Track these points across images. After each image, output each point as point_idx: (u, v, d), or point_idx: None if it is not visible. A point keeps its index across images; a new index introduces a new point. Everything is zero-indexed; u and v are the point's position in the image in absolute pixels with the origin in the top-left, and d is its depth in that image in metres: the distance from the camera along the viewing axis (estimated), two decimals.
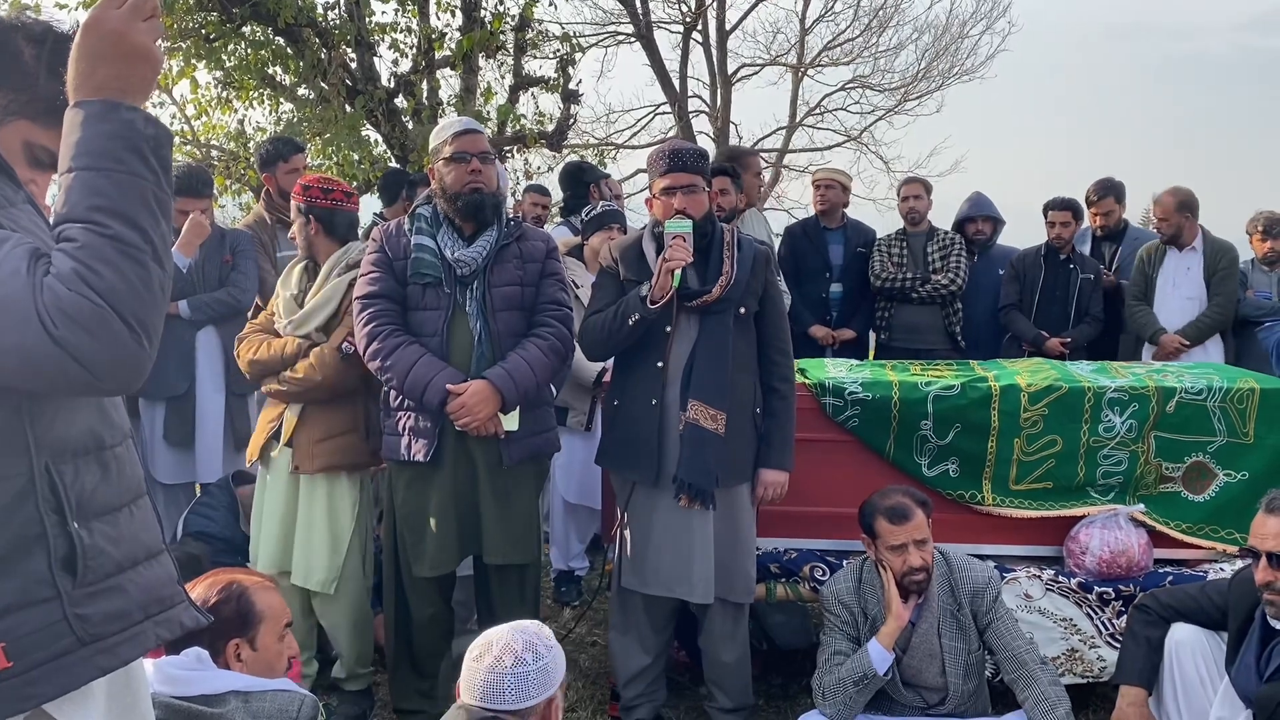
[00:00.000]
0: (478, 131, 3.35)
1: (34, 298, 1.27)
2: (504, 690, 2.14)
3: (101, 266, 1.31)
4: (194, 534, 4.03)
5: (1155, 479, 3.56)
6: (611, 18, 18.07)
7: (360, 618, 3.61)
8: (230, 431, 4.69)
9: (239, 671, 2.24)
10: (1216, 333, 5.40)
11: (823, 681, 3.08)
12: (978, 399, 3.54)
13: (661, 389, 3.24)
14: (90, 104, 1.38)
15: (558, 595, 4.74)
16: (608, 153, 17.64)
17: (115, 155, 1.36)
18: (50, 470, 1.40)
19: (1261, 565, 2.64)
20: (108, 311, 1.30)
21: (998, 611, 3.10)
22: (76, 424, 1.46)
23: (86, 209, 1.33)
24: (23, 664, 1.36)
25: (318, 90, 8.65)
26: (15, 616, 1.37)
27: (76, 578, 1.41)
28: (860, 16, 19.04)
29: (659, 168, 3.29)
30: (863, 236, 6.03)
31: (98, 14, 1.39)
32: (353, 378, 3.44)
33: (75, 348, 1.28)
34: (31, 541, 1.39)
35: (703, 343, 3.22)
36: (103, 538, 1.46)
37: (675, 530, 3.24)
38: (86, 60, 1.39)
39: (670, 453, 3.23)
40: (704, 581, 3.21)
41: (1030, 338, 5.59)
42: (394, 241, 3.34)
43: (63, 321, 1.27)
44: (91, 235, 1.32)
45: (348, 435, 3.48)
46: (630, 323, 3.18)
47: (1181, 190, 5.52)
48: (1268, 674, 2.66)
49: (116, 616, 1.46)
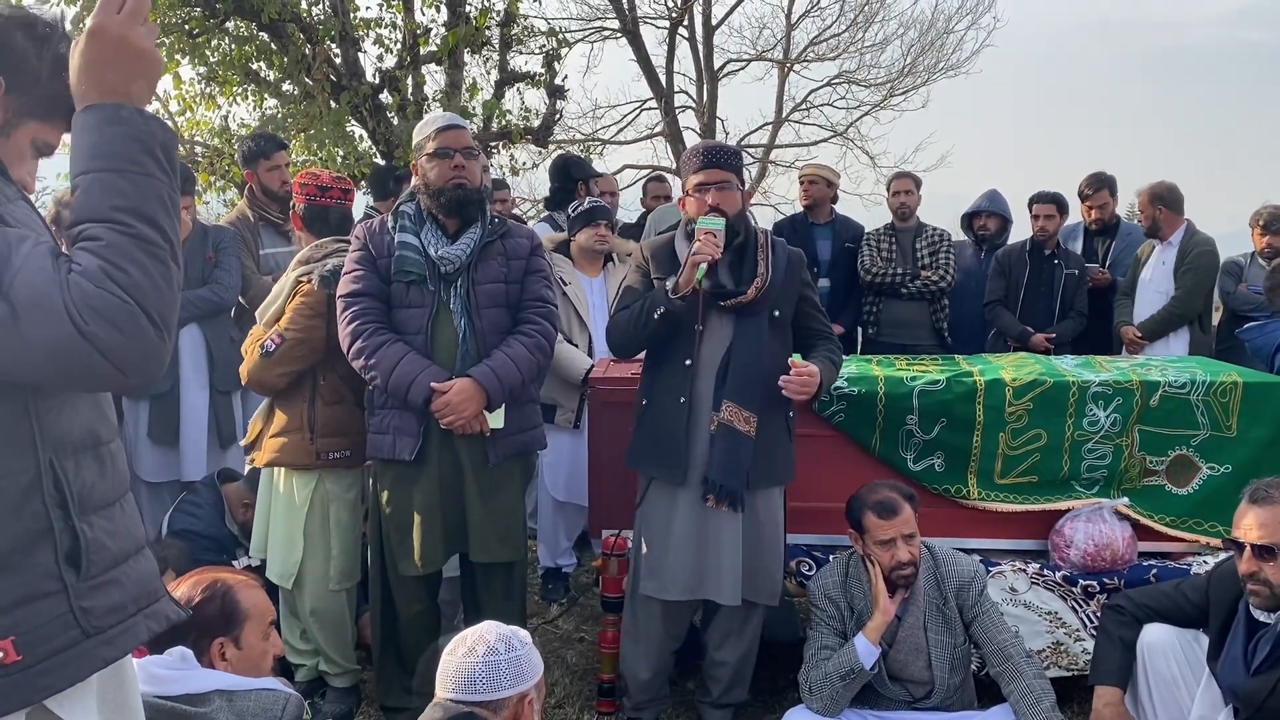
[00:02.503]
0: (461, 127, 3.34)
1: (62, 294, 1.31)
2: (474, 679, 2.13)
3: (127, 264, 1.36)
4: (179, 532, 4.02)
5: (1139, 472, 3.58)
6: (597, 13, 18.02)
7: (328, 611, 3.58)
8: (215, 429, 4.67)
9: (223, 670, 2.23)
10: (1175, 327, 5.42)
11: (809, 676, 3.08)
12: (963, 393, 3.55)
13: (690, 387, 3.19)
14: (103, 108, 1.42)
15: (545, 593, 4.73)
16: (594, 148, 17.63)
17: (132, 157, 1.41)
18: (54, 465, 1.44)
19: (1246, 556, 2.65)
20: (134, 307, 1.35)
21: (983, 605, 3.11)
22: (77, 421, 1.49)
23: (109, 209, 1.39)
24: (32, 656, 1.40)
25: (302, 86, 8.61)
26: (24, 610, 1.41)
27: (80, 571, 1.46)
28: (846, 12, 18.99)
29: (692, 165, 3.25)
30: (851, 232, 6.04)
31: (102, 21, 1.43)
32: (277, 376, 3.45)
33: (104, 343, 1.32)
34: (38, 536, 1.43)
35: (738, 344, 3.18)
36: (102, 532, 1.51)
37: (701, 531, 3.19)
38: (93, 65, 1.43)
39: (697, 452, 3.18)
40: (733, 583, 3.18)
41: (1015, 333, 5.61)
42: (377, 239, 3.32)
43: (92, 317, 1.31)
44: (116, 234, 1.38)
45: (292, 434, 3.50)
46: (655, 316, 3.11)
47: (1158, 184, 5.56)
48: (1255, 666, 2.67)
49: (115, 609, 1.51)
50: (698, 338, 3.18)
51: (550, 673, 3.91)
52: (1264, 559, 2.62)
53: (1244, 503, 2.71)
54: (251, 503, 3.85)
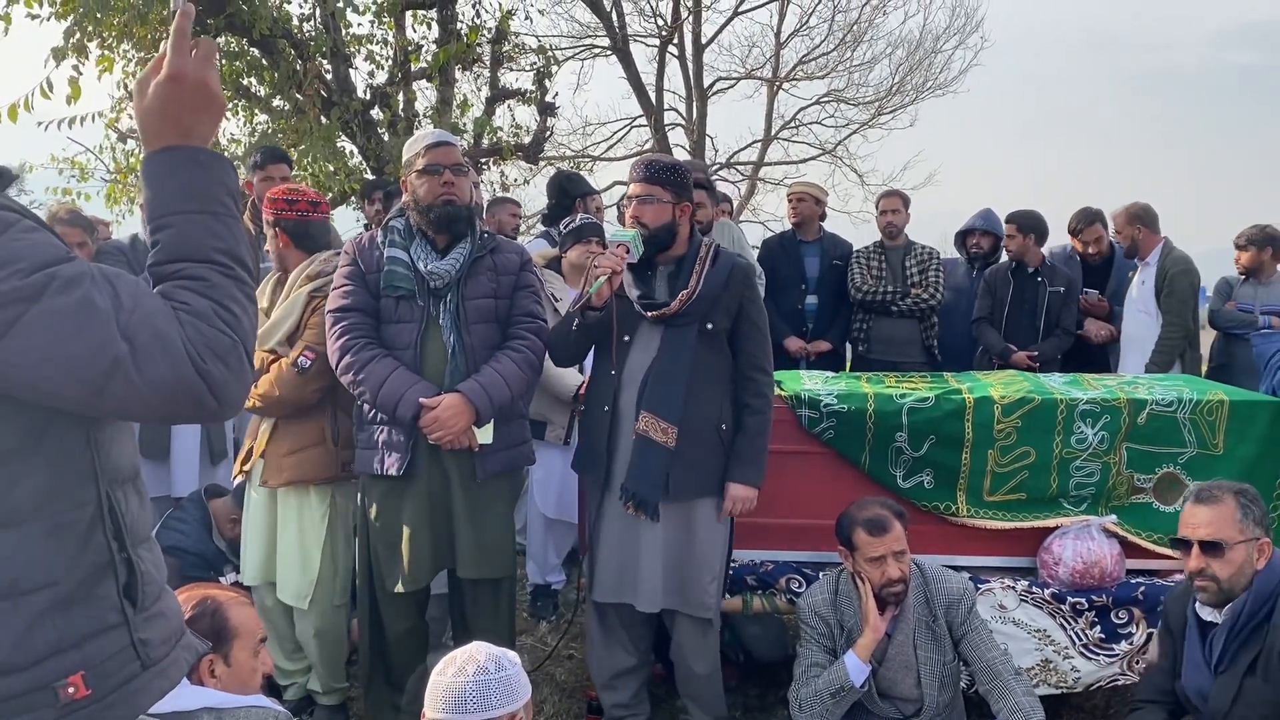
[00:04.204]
0: (451, 144, 3.34)
1: (180, 334, 1.36)
2: (465, 698, 2.13)
3: (231, 304, 1.44)
4: (166, 548, 3.99)
5: (1127, 490, 3.60)
6: (588, 30, 18.10)
7: (330, 630, 3.58)
8: (206, 444, 4.65)
9: (212, 688, 2.21)
10: (1178, 352, 5.46)
11: (799, 694, 3.08)
12: (952, 411, 3.56)
13: (614, 396, 3.27)
14: (185, 150, 1.48)
15: (534, 610, 4.72)
16: (584, 165, 17.66)
17: (220, 200, 1.49)
18: (110, 497, 1.45)
19: (1194, 553, 2.73)
20: (240, 346, 1.43)
21: (972, 623, 3.11)
22: (125, 453, 1.52)
23: (211, 250, 1.46)
24: (100, 690, 1.41)
25: (293, 101, 8.60)
26: (93, 644, 1.42)
27: (136, 604, 1.47)
28: (835, 31, 19.13)
29: (629, 177, 3.36)
30: (839, 249, 6.06)
31: (181, 64, 1.48)
32: (311, 392, 3.42)
33: (216, 380, 1.38)
34: (103, 568, 1.44)
35: (661, 355, 3.24)
36: (149, 563, 1.53)
37: (624, 537, 3.29)
38: (171, 107, 1.48)
39: (622, 460, 3.26)
40: (650, 590, 3.25)
41: (997, 350, 5.63)
42: (367, 254, 3.32)
43: (210, 356, 1.37)
44: (220, 275, 1.45)
45: (313, 449, 3.46)
46: (572, 327, 3.25)
47: (1134, 204, 5.62)
48: (1217, 664, 2.73)
49: (165, 640, 1.53)
50: (622, 348, 3.27)
51: (539, 690, 3.90)
52: (1211, 554, 2.71)
53: (1190, 504, 2.82)
54: (239, 518, 3.83)
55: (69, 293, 1.29)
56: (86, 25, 6.96)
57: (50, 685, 1.37)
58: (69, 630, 1.39)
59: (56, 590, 1.38)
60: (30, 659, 1.36)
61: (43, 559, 1.37)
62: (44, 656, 1.37)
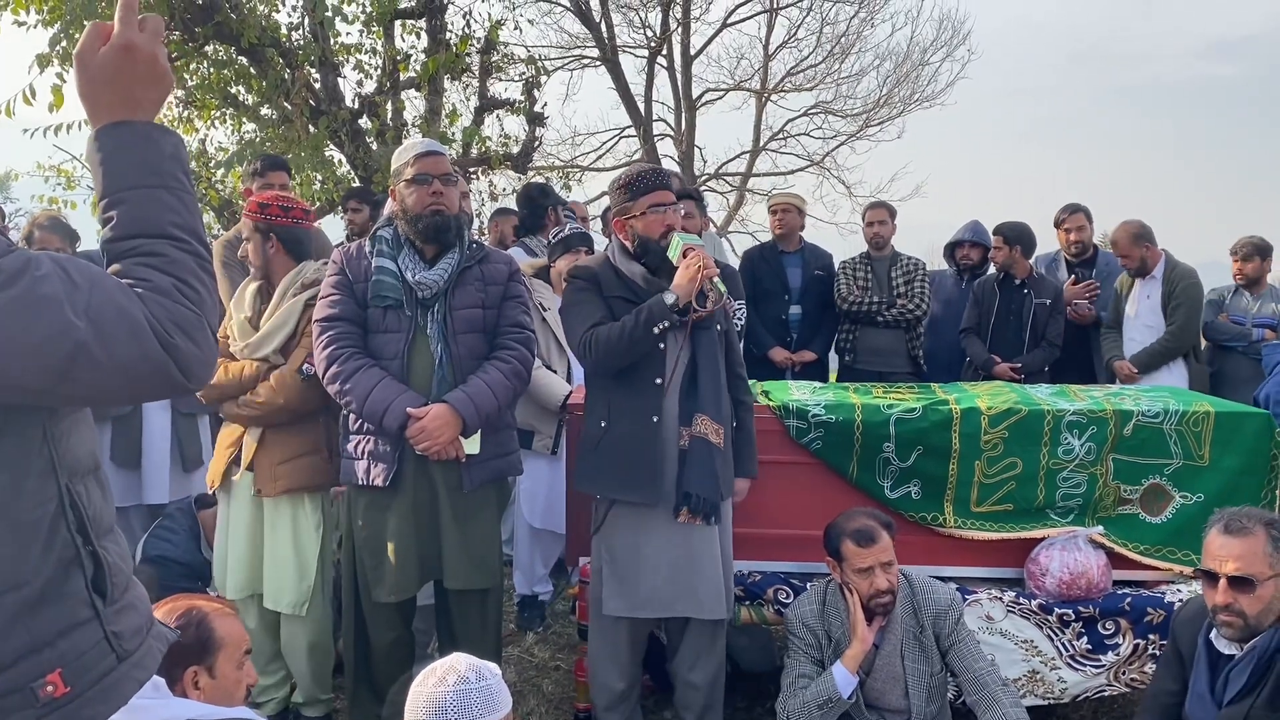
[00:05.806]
0: (440, 153, 3.33)
1: (142, 310, 1.34)
2: (445, 707, 2.11)
3: (192, 279, 1.43)
4: (154, 558, 3.98)
5: (1113, 501, 3.61)
6: (577, 41, 18.16)
7: (321, 640, 3.56)
8: (178, 452, 4.61)
9: (196, 700, 2.19)
10: (1169, 360, 5.48)
11: (787, 705, 3.07)
12: (939, 422, 3.57)
13: (660, 406, 3.18)
14: (136, 125, 1.46)
15: (520, 620, 4.70)
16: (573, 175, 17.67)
17: (174, 174, 1.47)
18: (70, 491, 1.43)
19: (1221, 587, 2.60)
20: (203, 320, 1.42)
21: (960, 633, 3.11)
22: (84, 445, 1.49)
23: (167, 225, 1.45)
24: (79, 686, 1.40)
25: (280, 110, 8.60)
26: (67, 640, 1.40)
27: (106, 596, 1.46)
28: (823, 43, 19.25)
29: (644, 185, 3.24)
30: (820, 260, 6.09)
31: (132, 37, 1.46)
32: (314, 399, 3.41)
33: (182, 355, 1.37)
34: (69, 563, 1.42)
35: (701, 357, 3.20)
36: (115, 555, 1.51)
37: (676, 548, 3.17)
38: (122, 80, 1.45)
39: (667, 471, 3.16)
40: (712, 597, 3.17)
41: (981, 361, 5.64)
42: (355, 264, 3.32)
43: (175, 331, 1.37)
44: (178, 250, 1.44)
45: (309, 456, 3.45)
46: (656, 331, 3.09)
47: (1132, 223, 5.62)
48: (1229, 698, 2.63)
49: (136, 631, 1.51)
50: (672, 354, 3.20)
51: (526, 701, 3.88)
52: (1240, 589, 2.59)
53: (1215, 532, 2.67)
54: None
55: (15, 284, 1.27)
56: (74, 33, 6.94)
57: (28, 686, 1.36)
58: (41, 629, 1.38)
59: (25, 591, 1.36)
60: (5, 661, 1.35)
61: (7, 560, 1.35)
62: (18, 658, 1.36)
